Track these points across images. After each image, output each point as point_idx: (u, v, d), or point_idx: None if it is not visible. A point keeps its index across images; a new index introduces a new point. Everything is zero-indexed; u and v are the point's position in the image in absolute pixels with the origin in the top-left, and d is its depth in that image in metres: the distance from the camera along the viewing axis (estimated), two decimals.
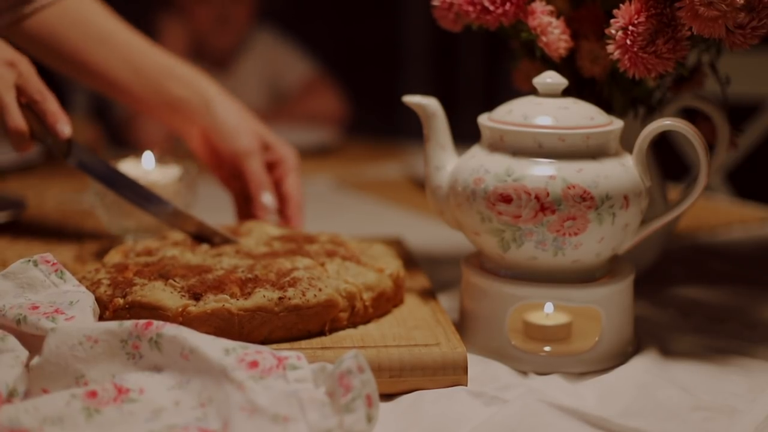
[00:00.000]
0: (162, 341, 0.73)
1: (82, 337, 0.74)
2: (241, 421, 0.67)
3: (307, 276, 0.89)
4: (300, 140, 1.79)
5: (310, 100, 2.23)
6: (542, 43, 0.93)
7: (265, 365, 0.71)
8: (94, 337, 0.74)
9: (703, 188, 0.88)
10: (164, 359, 0.73)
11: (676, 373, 0.87)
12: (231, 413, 0.68)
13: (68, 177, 1.73)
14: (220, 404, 0.70)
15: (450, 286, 1.09)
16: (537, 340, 0.92)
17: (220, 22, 2.15)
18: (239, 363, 0.71)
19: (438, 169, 0.93)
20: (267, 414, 0.67)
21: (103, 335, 0.74)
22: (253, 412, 0.67)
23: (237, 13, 2.16)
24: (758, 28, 0.85)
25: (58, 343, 0.74)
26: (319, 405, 0.68)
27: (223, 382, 0.70)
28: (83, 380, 0.74)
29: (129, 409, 0.70)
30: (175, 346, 0.73)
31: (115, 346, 0.74)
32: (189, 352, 0.72)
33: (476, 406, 0.79)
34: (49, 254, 0.84)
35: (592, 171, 0.84)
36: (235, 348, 0.72)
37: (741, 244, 1.33)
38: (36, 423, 0.67)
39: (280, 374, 0.71)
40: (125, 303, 0.86)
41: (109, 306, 0.86)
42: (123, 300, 0.86)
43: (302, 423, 0.67)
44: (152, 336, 0.74)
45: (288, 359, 0.72)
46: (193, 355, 0.72)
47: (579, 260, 0.87)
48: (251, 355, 0.72)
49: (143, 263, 0.94)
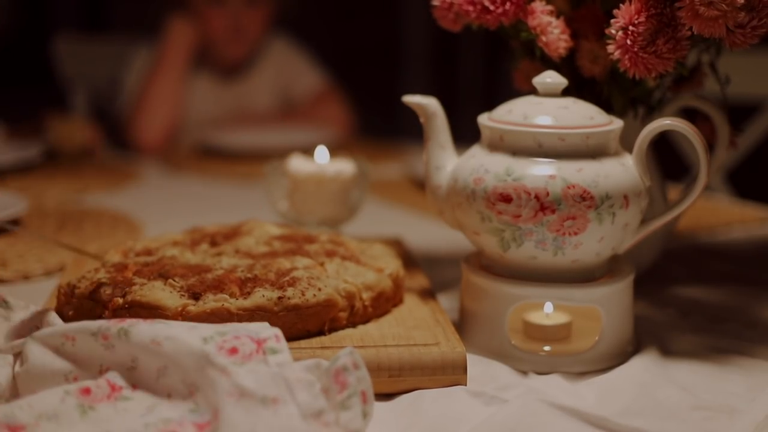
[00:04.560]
0: (131, 330, 0.74)
1: (61, 337, 0.76)
2: (230, 407, 0.67)
3: (307, 276, 0.89)
4: (301, 140, 1.79)
5: (319, 109, 2.25)
6: (542, 43, 0.93)
7: (245, 351, 0.71)
8: (71, 335, 0.75)
9: (703, 188, 0.88)
10: (133, 348, 0.74)
11: (675, 373, 0.87)
12: (219, 400, 0.68)
13: (68, 177, 1.74)
14: (207, 391, 0.70)
15: (450, 286, 1.09)
16: (537, 340, 0.92)
17: (233, 33, 2.15)
18: (219, 351, 0.71)
19: (438, 169, 0.93)
20: (255, 397, 0.67)
21: (78, 333, 0.75)
22: (241, 396, 0.67)
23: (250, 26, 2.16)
24: (758, 28, 0.85)
25: (39, 347, 0.75)
26: (306, 384, 0.68)
27: (206, 367, 0.70)
28: (72, 375, 0.75)
29: (123, 406, 0.71)
30: (145, 334, 0.73)
31: (90, 339, 0.75)
32: (163, 339, 0.72)
33: (476, 406, 0.79)
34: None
35: (592, 171, 0.84)
36: (213, 336, 0.72)
37: (741, 244, 1.33)
38: (31, 419, 0.67)
39: (261, 359, 0.71)
40: (125, 302, 0.86)
41: (109, 306, 0.86)
42: (122, 299, 0.86)
43: (292, 405, 0.67)
44: (121, 326, 0.74)
45: (267, 342, 0.72)
46: (169, 342, 0.72)
47: (579, 260, 0.87)
48: (230, 341, 0.72)
49: (143, 263, 0.94)
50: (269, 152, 1.66)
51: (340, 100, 2.32)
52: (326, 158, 1.23)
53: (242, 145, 1.94)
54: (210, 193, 1.70)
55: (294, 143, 1.63)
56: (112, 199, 1.59)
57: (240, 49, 2.21)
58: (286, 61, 2.32)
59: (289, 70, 2.31)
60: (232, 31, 2.16)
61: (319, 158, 1.23)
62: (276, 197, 1.23)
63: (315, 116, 2.22)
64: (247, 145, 1.93)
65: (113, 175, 1.78)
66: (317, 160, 1.23)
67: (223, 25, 2.15)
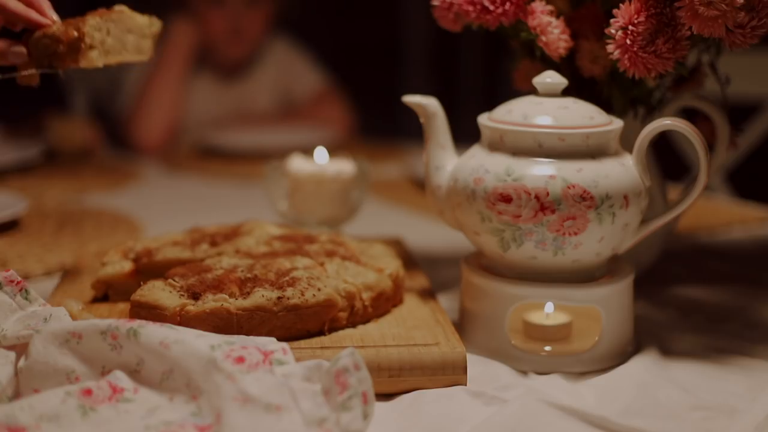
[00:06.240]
0: (140, 330, 0.74)
1: (67, 334, 0.75)
2: (234, 411, 0.67)
3: (306, 276, 0.89)
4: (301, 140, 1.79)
5: (319, 110, 2.25)
6: (542, 43, 0.93)
7: (251, 360, 0.71)
8: (78, 332, 0.75)
9: (703, 188, 0.88)
10: (141, 349, 0.74)
11: (675, 373, 0.87)
12: (223, 403, 0.68)
13: (68, 177, 1.73)
14: (211, 395, 0.70)
15: (450, 286, 1.09)
16: (537, 340, 0.92)
17: (233, 34, 2.16)
18: (225, 359, 0.71)
19: (438, 169, 0.93)
20: (260, 403, 0.67)
21: (86, 330, 0.75)
22: (245, 402, 0.67)
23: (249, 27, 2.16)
24: (758, 28, 0.85)
25: (44, 343, 0.75)
26: (311, 394, 0.68)
27: (212, 372, 0.70)
28: (74, 375, 0.75)
29: (124, 408, 0.71)
30: (154, 336, 0.73)
31: (97, 338, 0.75)
32: (172, 342, 0.73)
33: (476, 406, 0.79)
34: (12, 272, 0.82)
35: (592, 171, 0.84)
36: (221, 344, 0.73)
37: (741, 244, 1.33)
38: (32, 420, 0.67)
39: (267, 369, 0.71)
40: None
41: None
42: None
43: (296, 412, 0.67)
44: (131, 326, 0.74)
45: (273, 353, 0.72)
46: (177, 345, 0.72)
47: (579, 260, 0.87)
48: (237, 351, 0.72)
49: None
50: (269, 152, 1.66)
51: (340, 101, 2.32)
52: (325, 159, 1.23)
53: (242, 145, 1.94)
54: (210, 193, 1.70)
55: (294, 143, 1.63)
56: (112, 199, 1.59)
57: (240, 49, 2.21)
58: (286, 62, 2.32)
59: (289, 70, 2.32)
60: (232, 32, 2.16)
61: (319, 159, 1.23)
62: (276, 197, 1.23)
63: (315, 116, 2.22)
64: (247, 145, 1.94)
65: (113, 175, 1.78)
66: (317, 160, 1.23)
67: (222, 26, 2.15)
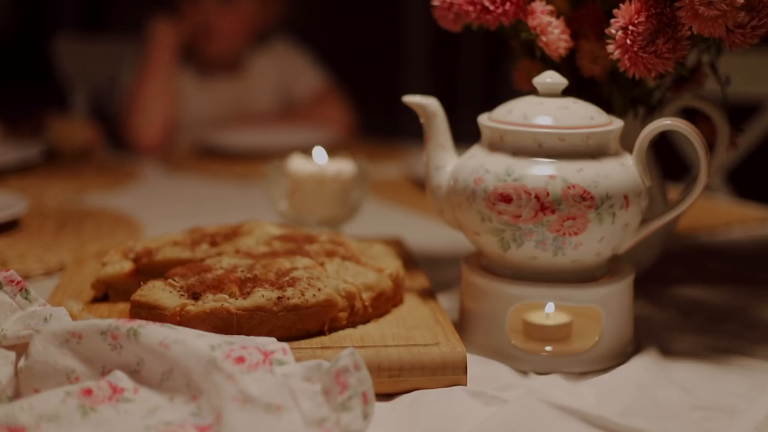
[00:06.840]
0: (140, 330, 0.74)
1: (67, 334, 0.75)
2: (234, 411, 0.67)
3: (307, 276, 0.89)
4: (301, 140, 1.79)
5: (319, 110, 2.26)
6: (542, 43, 0.93)
7: (251, 360, 0.71)
8: (78, 332, 0.75)
9: (703, 188, 0.88)
10: (141, 349, 0.74)
11: (675, 373, 0.87)
12: (223, 403, 0.68)
13: (68, 177, 1.73)
14: (211, 395, 0.70)
15: (450, 286, 1.09)
16: (537, 340, 0.92)
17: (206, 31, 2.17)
18: (225, 359, 0.71)
19: (438, 169, 0.93)
20: (259, 403, 0.67)
21: (86, 330, 0.75)
22: (245, 402, 0.67)
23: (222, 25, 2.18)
24: (758, 28, 0.85)
25: (44, 343, 0.75)
26: (311, 394, 0.68)
27: (212, 372, 0.70)
28: (74, 375, 0.75)
29: (124, 408, 0.71)
30: (154, 336, 0.73)
31: (97, 338, 0.75)
32: (172, 342, 0.73)
33: (476, 406, 0.79)
34: (12, 272, 0.82)
35: (592, 171, 0.84)
36: (221, 344, 0.73)
37: (741, 244, 1.33)
38: (33, 420, 0.67)
39: (267, 369, 0.71)
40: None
41: None
42: None
43: (296, 412, 0.67)
44: (131, 326, 0.74)
45: (273, 353, 0.72)
46: (177, 345, 0.72)
47: (579, 260, 0.87)
48: (237, 351, 0.72)
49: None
50: (269, 152, 1.66)
51: (341, 100, 2.32)
52: (325, 159, 1.23)
53: (242, 145, 1.94)
54: (210, 193, 1.70)
55: (294, 143, 1.63)
56: (112, 199, 1.59)
57: (216, 47, 2.22)
58: (286, 62, 2.32)
59: (289, 70, 2.32)
60: (205, 29, 2.18)
61: (318, 159, 1.23)
62: (276, 197, 1.23)
63: (315, 116, 2.22)
64: (247, 145, 1.94)
65: (113, 175, 1.78)
66: (316, 160, 1.23)
67: (196, 23, 2.17)
